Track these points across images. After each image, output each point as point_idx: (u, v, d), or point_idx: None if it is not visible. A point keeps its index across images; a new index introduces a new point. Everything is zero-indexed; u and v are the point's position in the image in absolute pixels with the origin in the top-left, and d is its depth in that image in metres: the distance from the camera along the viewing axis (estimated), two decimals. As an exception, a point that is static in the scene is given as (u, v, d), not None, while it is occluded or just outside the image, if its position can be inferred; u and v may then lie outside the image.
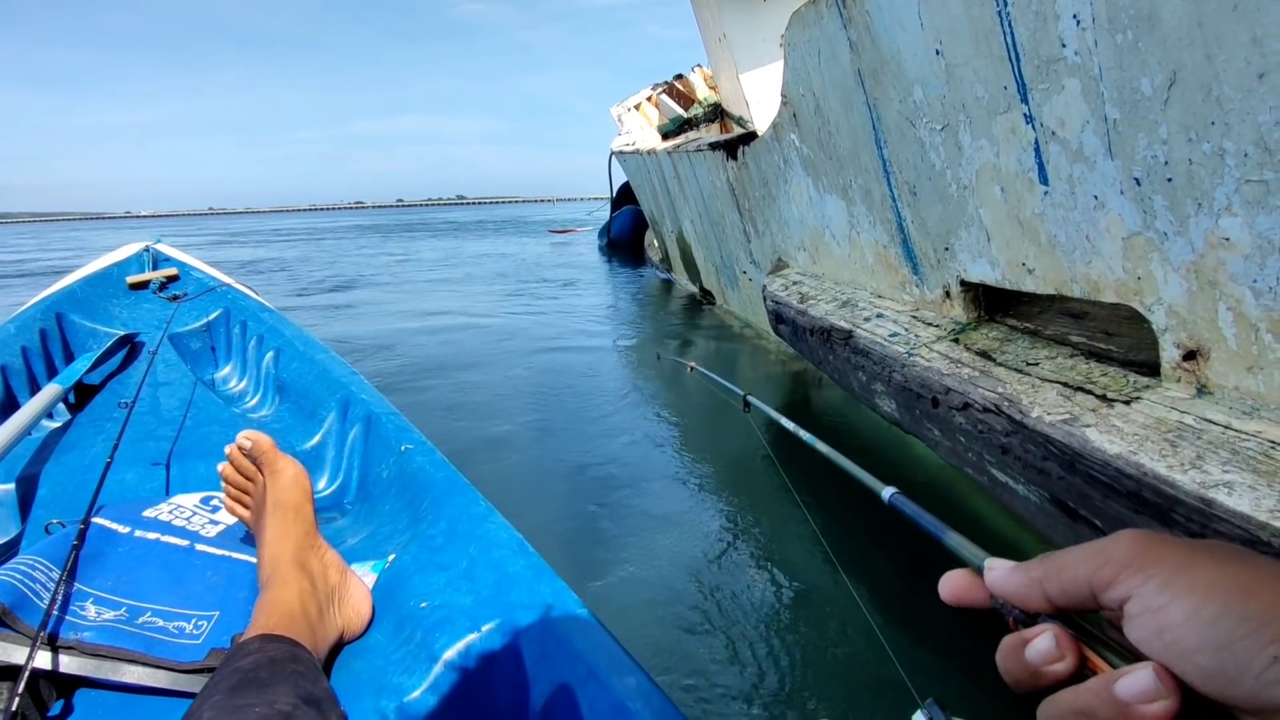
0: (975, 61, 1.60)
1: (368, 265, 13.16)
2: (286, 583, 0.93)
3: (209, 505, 1.26)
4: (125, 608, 0.96)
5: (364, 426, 1.65)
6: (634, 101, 9.34)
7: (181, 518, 1.20)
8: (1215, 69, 1.05)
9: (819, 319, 2.65)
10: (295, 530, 1.02)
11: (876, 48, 2.01)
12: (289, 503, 1.05)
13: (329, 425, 1.78)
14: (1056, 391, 1.49)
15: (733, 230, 4.77)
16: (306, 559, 0.99)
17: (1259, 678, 0.23)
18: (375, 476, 1.51)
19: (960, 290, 2.00)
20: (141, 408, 1.89)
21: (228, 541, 1.16)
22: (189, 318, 2.70)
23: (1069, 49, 1.31)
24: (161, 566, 1.06)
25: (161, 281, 2.91)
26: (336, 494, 1.61)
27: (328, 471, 1.68)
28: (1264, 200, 1.05)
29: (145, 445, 1.70)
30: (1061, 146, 1.42)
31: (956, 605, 0.34)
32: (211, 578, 1.06)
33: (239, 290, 2.88)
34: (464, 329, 6.26)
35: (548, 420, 3.63)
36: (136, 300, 2.80)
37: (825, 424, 3.54)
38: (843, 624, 1.90)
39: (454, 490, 1.26)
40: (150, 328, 2.57)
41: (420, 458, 1.40)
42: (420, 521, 1.22)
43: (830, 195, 2.77)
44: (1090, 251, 1.44)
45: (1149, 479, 1.16)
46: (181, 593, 1.02)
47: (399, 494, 1.38)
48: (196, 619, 0.98)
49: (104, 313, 2.66)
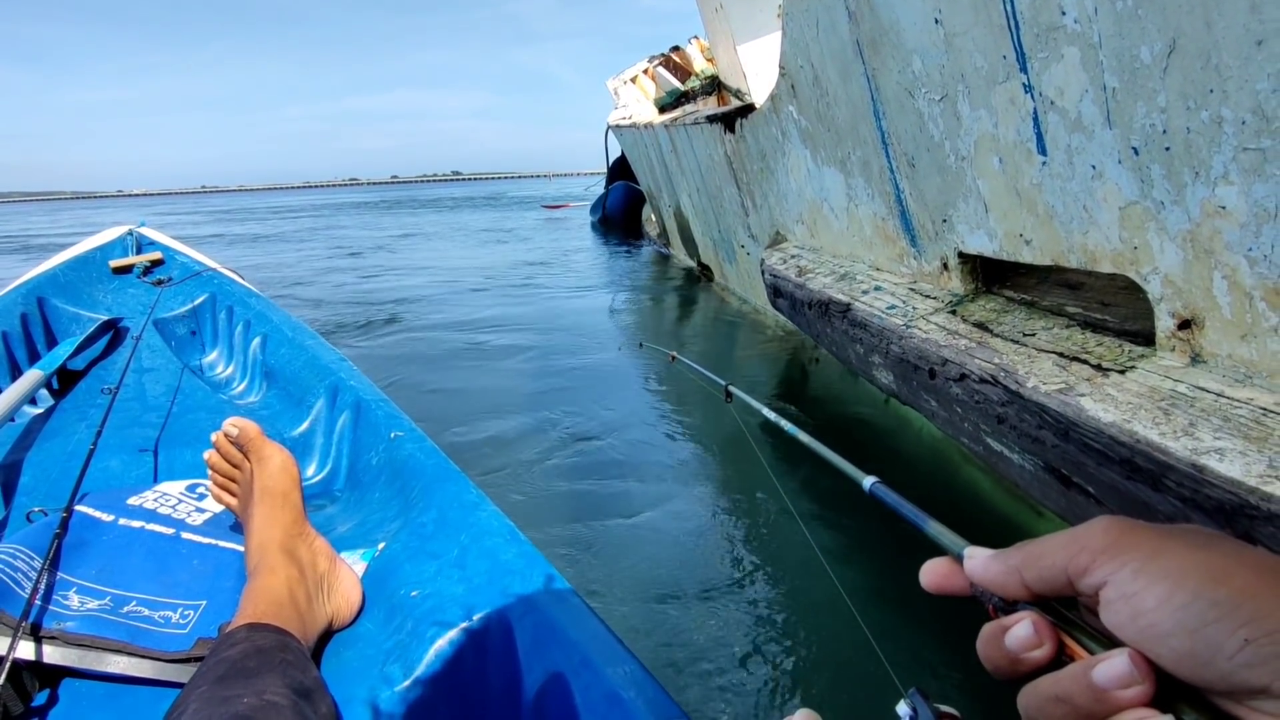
0: (974, 30, 1.58)
1: (382, 240, 13.12)
2: (274, 570, 0.92)
3: (195, 493, 1.24)
4: (110, 596, 0.95)
5: (353, 413, 1.63)
6: (630, 75, 9.23)
7: (167, 505, 1.18)
8: (1214, 36, 1.04)
9: (817, 292, 2.65)
10: (283, 517, 1.01)
11: (875, 17, 1.99)
12: (276, 490, 1.04)
13: (317, 412, 1.76)
14: (1052, 361, 1.50)
15: (730, 204, 4.74)
16: (295, 546, 0.98)
17: (1231, 660, 0.24)
18: (365, 464, 1.50)
19: (958, 262, 2.00)
20: (126, 394, 1.86)
21: (214, 530, 1.14)
22: (174, 303, 2.65)
23: (1069, 16, 1.30)
24: (146, 555, 1.05)
25: (146, 266, 2.86)
26: (325, 481, 1.59)
27: (316, 458, 1.66)
28: (1261, 168, 1.05)
29: (130, 432, 1.67)
30: (1060, 116, 1.42)
31: (937, 593, 0.35)
32: (198, 566, 1.05)
33: (225, 275, 2.84)
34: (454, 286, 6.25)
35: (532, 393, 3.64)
36: (120, 285, 2.75)
37: (822, 399, 3.55)
38: (824, 611, 1.91)
39: (445, 478, 1.24)
40: (135, 313, 2.53)
41: (410, 445, 1.38)
42: (411, 509, 1.21)
43: (828, 168, 2.76)
44: (1087, 221, 1.44)
45: (1141, 446, 1.17)
46: (167, 581, 1.01)
47: (389, 481, 1.36)
48: (183, 608, 0.97)
49: (87, 297, 2.62)
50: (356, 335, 5.20)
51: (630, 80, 9.19)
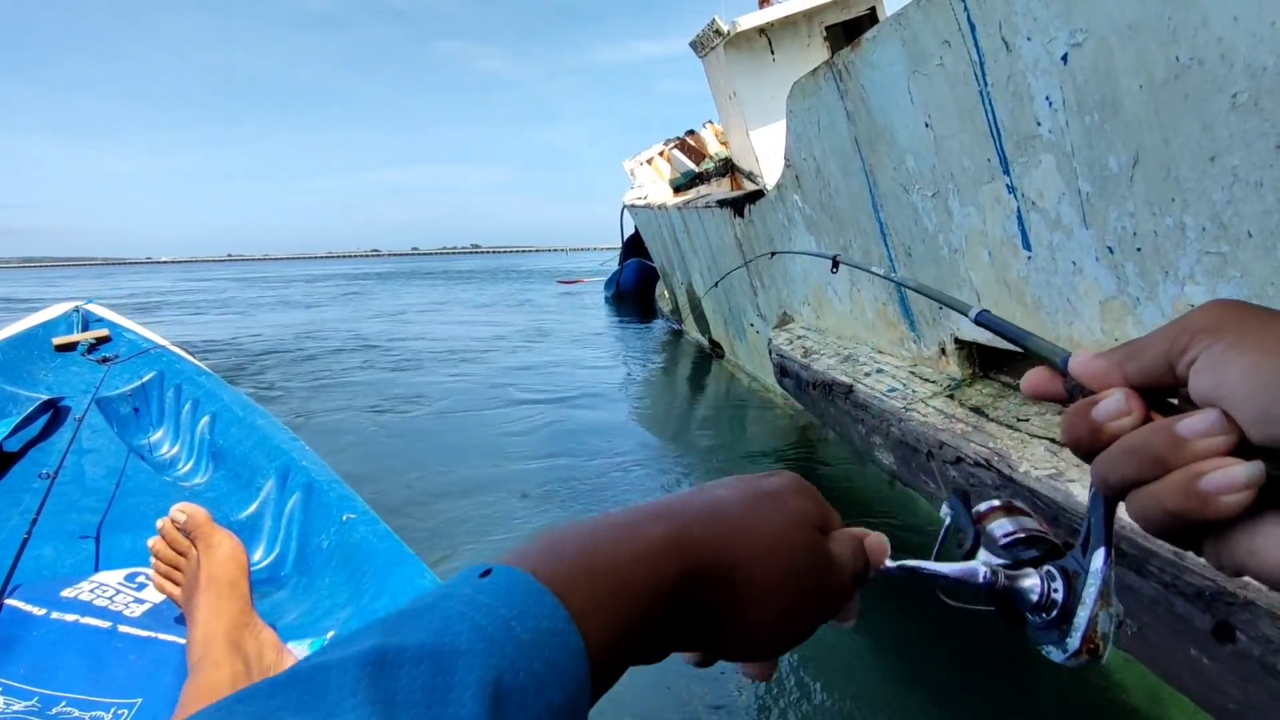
0: (961, 135, 1.70)
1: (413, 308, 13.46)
2: (219, 665, 0.89)
3: (134, 583, 1.19)
4: (37, 698, 0.91)
5: (304, 494, 1.60)
6: (646, 156, 9.59)
7: (104, 597, 1.13)
8: (1172, 151, 1.14)
9: (821, 373, 2.72)
10: (230, 608, 0.98)
11: (871, 119, 2.12)
12: (224, 578, 1.00)
13: (267, 493, 1.72)
14: (1044, 447, 1.55)
15: (740, 284, 4.88)
16: (241, 638, 0.95)
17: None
18: (315, 546, 1.46)
19: (955, 347, 2.07)
20: (64, 477, 1.75)
21: (154, 621, 1.10)
22: (119, 381, 2.52)
23: (1044, 127, 1.41)
24: (80, 651, 1.01)
25: (91, 343, 2.74)
26: (273, 566, 1.55)
27: (264, 542, 1.62)
28: (1223, 270, 1.13)
29: (67, 518, 1.61)
30: (1041, 215, 1.51)
31: (1035, 398, 0.35)
32: (134, 662, 1.01)
33: (175, 353, 2.74)
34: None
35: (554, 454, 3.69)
36: (63, 363, 2.63)
37: (830, 475, 3.58)
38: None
39: (398, 561, 1.21)
40: (77, 392, 2.41)
41: (363, 527, 1.35)
42: (362, 594, 1.18)
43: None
44: (1071, 313, 1.52)
45: (1126, 532, 1.21)
46: (101, 679, 0.97)
47: (340, 565, 1.33)
48: (116, 707, 0.93)
49: (26, 376, 2.49)
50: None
51: (646, 162, 9.54)
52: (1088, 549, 0.31)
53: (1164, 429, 0.26)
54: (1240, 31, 0.97)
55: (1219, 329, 0.26)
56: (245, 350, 8.52)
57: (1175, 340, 0.27)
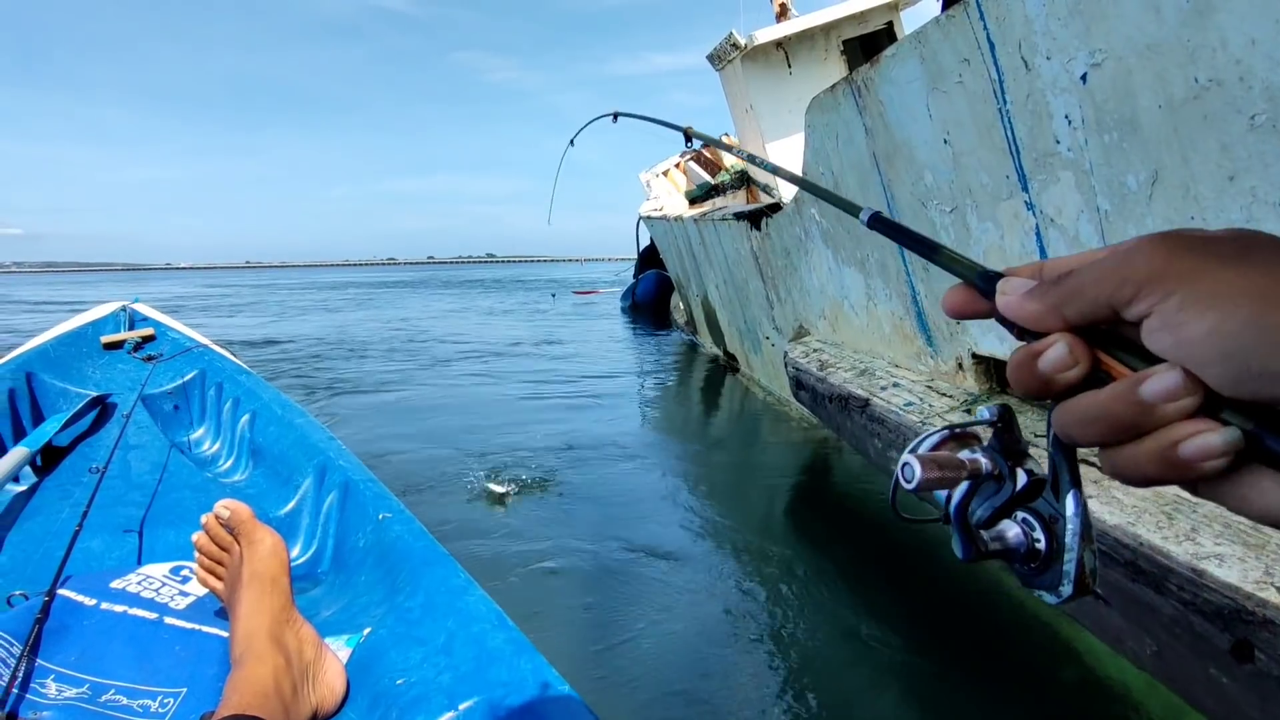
0: (980, 151, 1.71)
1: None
2: (261, 659, 0.90)
3: (179, 576, 1.22)
4: (88, 685, 0.93)
5: (341, 493, 1.61)
6: (662, 168, 9.63)
7: (150, 589, 1.15)
8: (1191, 170, 1.15)
9: (838, 386, 2.72)
10: (272, 604, 0.99)
11: (890, 134, 2.14)
12: (266, 575, 1.01)
13: (304, 491, 1.73)
14: (1061, 463, 1.55)
15: (756, 296, 4.89)
16: (282, 634, 0.96)
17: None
18: (351, 545, 1.47)
19: (972, 362, 2.07)
20: (112, 472, 1.82)
21: (198, 614, 1.11)
22: (164, 379, 2.59)
23: (1062, 145, 1.42)
24: (128, 641, 1.02)
25: (137, 341, 2.81)
26: (310, 563, 1.56)
27: (301, 539, 1.64)
28: (1242, 289, 1.13)
29: (115, 511, 1.63)
30: (1060, 232, 1.52)
31: (960, 318, 0.34)
32: (180, 652, 1.02)
33: (216, 352, 2.80)
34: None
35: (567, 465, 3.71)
36: (111, 360, 2.70)
37: (847, 490, 3.57)
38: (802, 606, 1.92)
39: (433, 561, 1.22)
40: (124, 389, 2.47)
41: (398, 526, 1.36)
42: (397, 593, 1.19)
43: (848, 267, 2.88)
44: (1090, 330, 1.52)
45: (1145, 549, 1.21)
46: (148, 669, 0.98)
47: (375, 564, 1.34)
48: (163, 696, 0.94)
49: (76, 373, 2.56)
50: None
51: (662, 173, 9.58)
52: (1059, 493, 0.31)
53: (1126, 396, 0.26)
54: (1258, 54, 0.98)
55: (1164, 280, 0.25)
56: (284, 350, 8.69)
57: (1118, 289, 0.27)
